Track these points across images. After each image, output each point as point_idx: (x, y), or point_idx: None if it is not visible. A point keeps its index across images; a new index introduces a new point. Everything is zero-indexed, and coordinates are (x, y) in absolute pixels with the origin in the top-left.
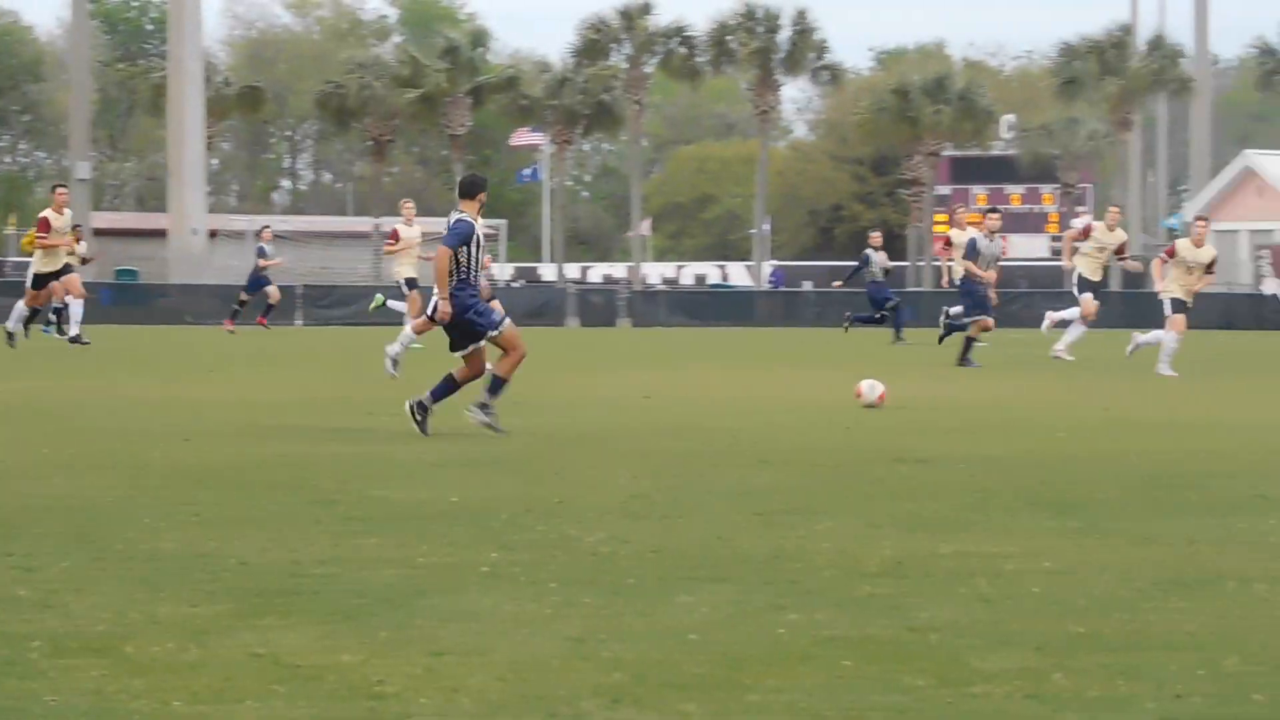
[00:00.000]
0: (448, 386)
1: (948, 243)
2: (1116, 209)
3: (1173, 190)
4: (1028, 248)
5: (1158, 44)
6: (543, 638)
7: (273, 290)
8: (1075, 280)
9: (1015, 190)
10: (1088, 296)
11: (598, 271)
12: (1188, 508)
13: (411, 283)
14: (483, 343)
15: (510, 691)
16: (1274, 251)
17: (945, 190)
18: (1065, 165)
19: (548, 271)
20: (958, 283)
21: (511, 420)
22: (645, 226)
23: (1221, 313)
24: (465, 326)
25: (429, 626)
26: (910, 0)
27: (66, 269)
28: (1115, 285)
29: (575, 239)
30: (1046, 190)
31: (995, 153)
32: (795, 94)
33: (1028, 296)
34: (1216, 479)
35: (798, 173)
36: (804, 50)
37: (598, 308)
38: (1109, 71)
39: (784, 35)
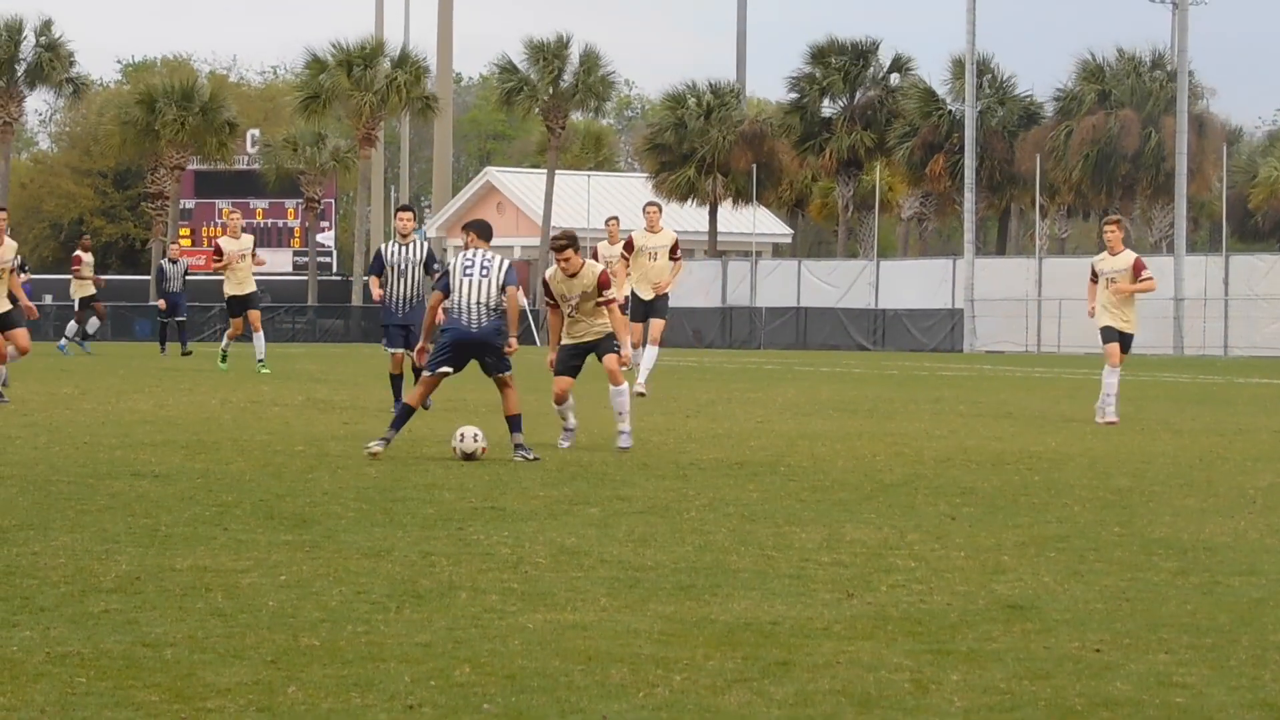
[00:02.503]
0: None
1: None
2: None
3: (415, 206)
4: (273, 262)
5: (403, 61)
6: None
7: None
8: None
9: (260, 204)
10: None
11: None
12: (422, 520)
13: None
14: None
15: None
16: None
17: (190, 204)
18: (309, 180)
19: None
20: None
21: None
22: None
23: None
24: None
25: None
26: (156, 12)
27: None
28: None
29: None
30: (290, 204)
31: (240, 167)
32: (40, 105)
33: (272, 311)
34: (449, 491)
35: (40, 185)
36: (50, 62)
37: None
38: (357, 86)
39: (28, 45)
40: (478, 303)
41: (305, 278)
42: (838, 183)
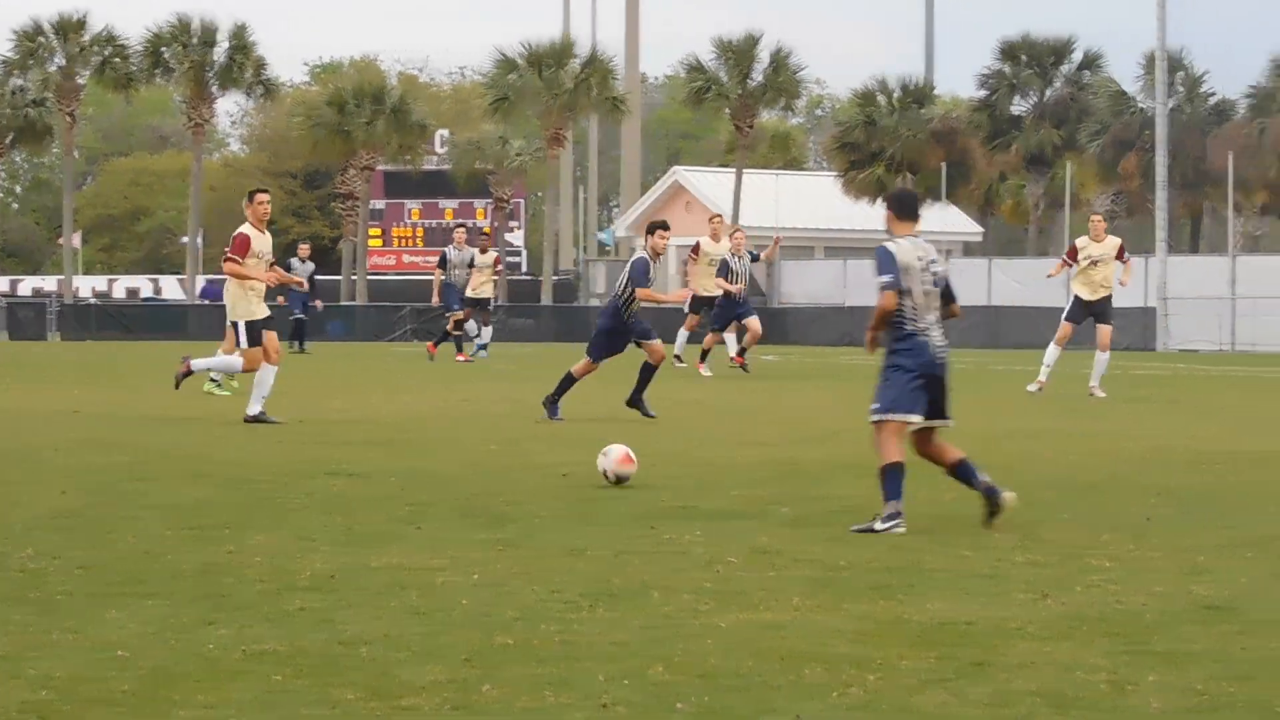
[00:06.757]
0: None
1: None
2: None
3: (604, 205)
4: None
5: (591, 61)
6: None
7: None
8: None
9: (449, 205)
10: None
11: (28, 285)
12: (616, 519)
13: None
14: None
15: None
16: None
17: (380, 205)
18: (498, 180)
19: None
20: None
21: None
22: (76, 239)
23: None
24: None
25: None
26: (343, 13)
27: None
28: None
29: (4, 252)
30: (480, 205)
31: (430, 168)
32: (230, 107)
33: None
34: (644, 490)
35: (230, 186)
36: (241, 65)
37: (26, 321)
38: (545, 87)
39: (221, 49)
40: None
41: (495, 277)
42: (1028, 181)
